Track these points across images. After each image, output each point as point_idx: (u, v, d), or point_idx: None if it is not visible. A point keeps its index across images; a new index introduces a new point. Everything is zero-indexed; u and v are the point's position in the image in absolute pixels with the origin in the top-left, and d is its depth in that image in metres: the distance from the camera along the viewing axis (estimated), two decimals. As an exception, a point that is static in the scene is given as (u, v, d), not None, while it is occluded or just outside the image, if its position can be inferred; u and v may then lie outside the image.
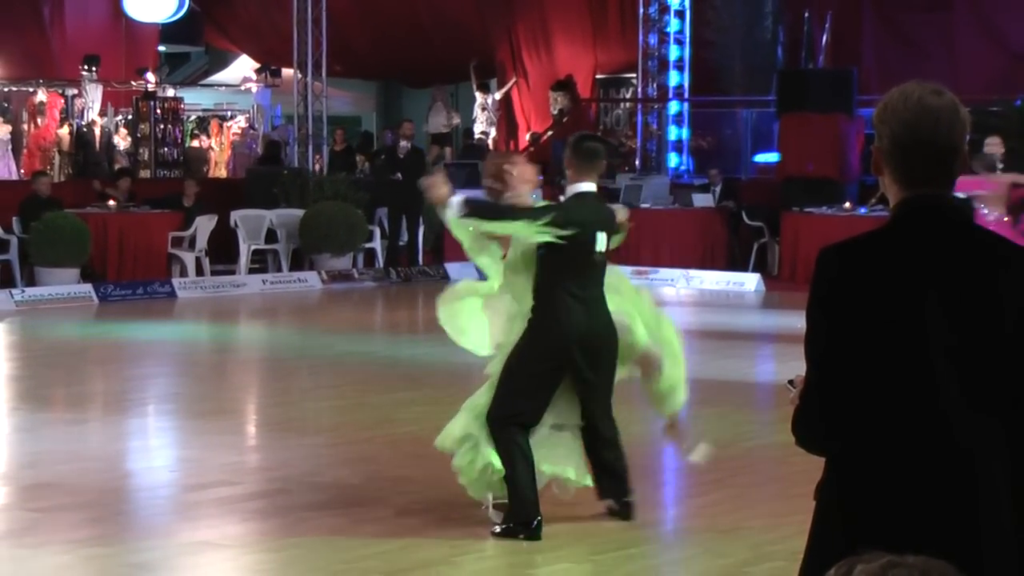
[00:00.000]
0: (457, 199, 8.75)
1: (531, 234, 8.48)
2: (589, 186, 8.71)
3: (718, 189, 25.23)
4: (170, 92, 29.75)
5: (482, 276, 9.32)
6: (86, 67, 28.73)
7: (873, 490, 3.55)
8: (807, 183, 23.78)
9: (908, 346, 3.53)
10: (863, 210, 22.38)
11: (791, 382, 3.75)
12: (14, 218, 21.93)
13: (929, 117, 3.64)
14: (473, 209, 8.75)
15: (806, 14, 27.53)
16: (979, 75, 26.42)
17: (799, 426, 3.65)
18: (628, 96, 30.55)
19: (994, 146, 19.44)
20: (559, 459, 8.63)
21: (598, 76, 30.77)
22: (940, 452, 3.53)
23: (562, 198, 8.88)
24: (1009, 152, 21.99)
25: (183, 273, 22.71)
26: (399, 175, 24.24)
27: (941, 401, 3.52)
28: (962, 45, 27.24)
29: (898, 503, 3.53)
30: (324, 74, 27.13)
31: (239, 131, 31.02)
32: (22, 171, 27.47)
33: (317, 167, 26.92)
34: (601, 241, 8.71)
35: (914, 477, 3.53)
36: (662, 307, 9.81)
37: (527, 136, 31.05)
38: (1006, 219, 17.53)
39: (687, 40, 28.92)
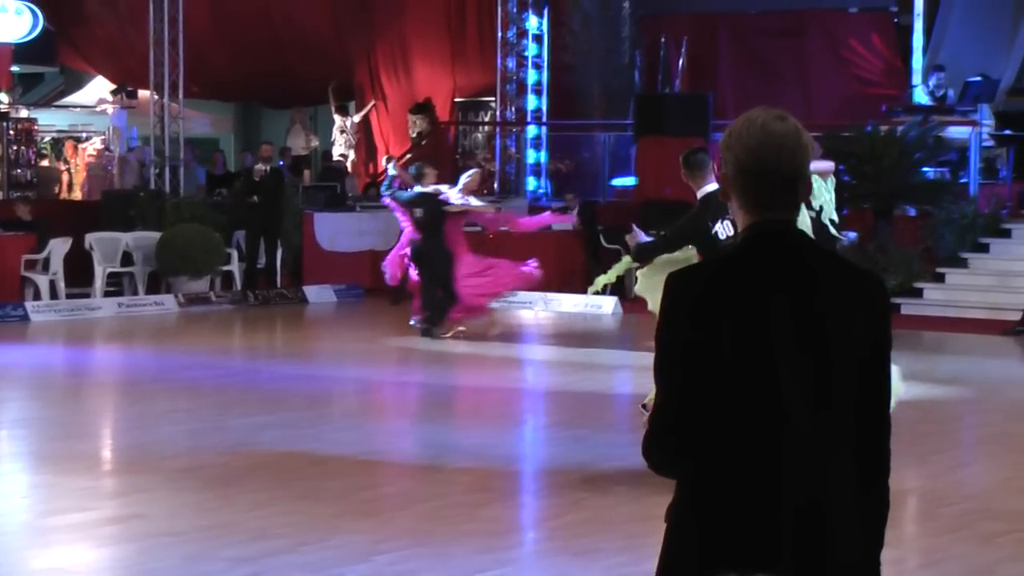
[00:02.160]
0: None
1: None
2: (713, 186, 10.59)
3: (575, 212, 25.39)
4: (23, 113, 29.33)
5: None
6: (-63, 86, 28.26)
7: (723, 512, 3.60)
8: (664, 206, 23.97)
9: (756, 369, 3.59)
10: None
11: (644, 405, 3.81)
12: None
13: (773, 143, 3.70)
14: (646, 253, 11.36)
15: (663, 39, 27.87)
16: (831, 100, 26.91)
17: (651, 449, 3.69)
18: (487, 119, 30.66)
19: None
20: None
21: (457, 99, 30.84)
22: (788, 477, 3.59)
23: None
24: (860, 176, 22.43)
25: (37, 296, 22.39)
26: (256, 197, 24.11)
27: (789, 424, 3.59)
28: (815, 71, 27.72)
29: (747, 526, 3.59)
30: (181, 95, 26.92)
31: (95, 153, 30.66)
32: None
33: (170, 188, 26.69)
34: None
35: (763, 500, 3.59)
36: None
37: (384, 159, 31.01)
38: None
39: (545, 64, 29.12)
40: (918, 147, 23.14)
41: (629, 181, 26.77)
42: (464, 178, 19.99)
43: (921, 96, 25.81)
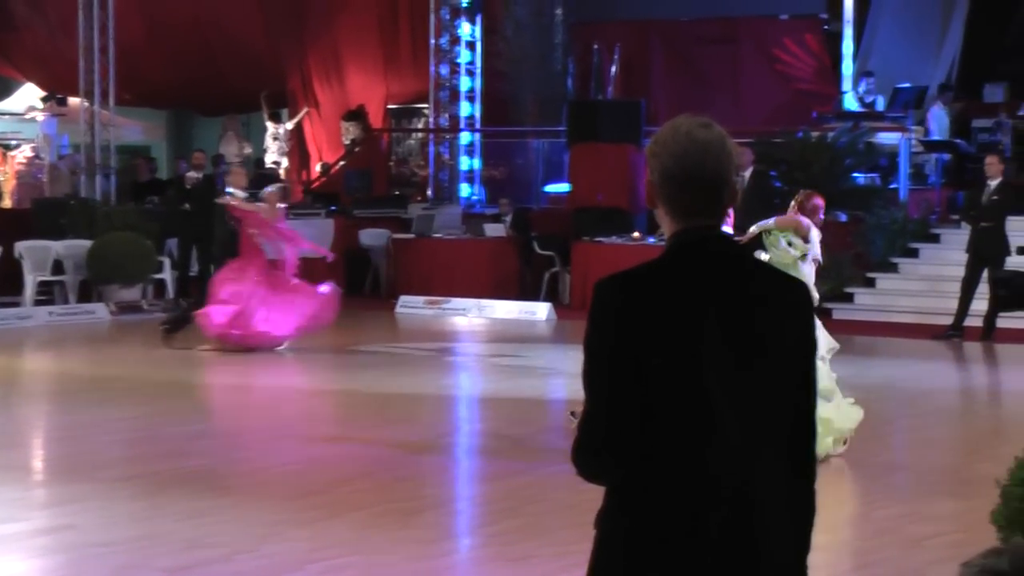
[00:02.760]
0: None
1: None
2: None
3: (508, 219, 25.44)
4: (-48, 120, 29.11)
5: None
6: None
7: (652, 521, 3.62)
8: (597, 213, 24.11)
9: (684, 376, 3.60)
10: (651, 239, 22.75)
11: (572, 412, 3.81)
12: None
13: (698, 150, 3.71)
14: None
15: (595, 46, 27.95)
16: (763, 107, 27.05)
17: (579, 456, 3.70)
18: (420, 126, 30.66)
19: None
20: None
21: (390, 106, 30.83)
22: (716, 484, 3.61)
23: None
24: (791, 182, 22.54)
25: (-34, 305, 22.21)
26: (188, 205, 23.99)
27: (717, 432, 3.61)
28: (747, 78, 27.87)
29: (676, 534, 3.61)
30: (112, 103, 26.78)
31: (24, 160, 30.43)
32: None
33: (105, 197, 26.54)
34: None
35: (692, 507, 3.61)
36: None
37: (318, 166, 30.96)
38: None
39: (478, 71, 29.15)
40: (849, 153, 23.33)
41: (563, 187, 26.83)
42: (265, 192, 19.67)
43: (851, 102, 26.01)
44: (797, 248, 11.91)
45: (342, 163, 30.02)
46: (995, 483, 7.14)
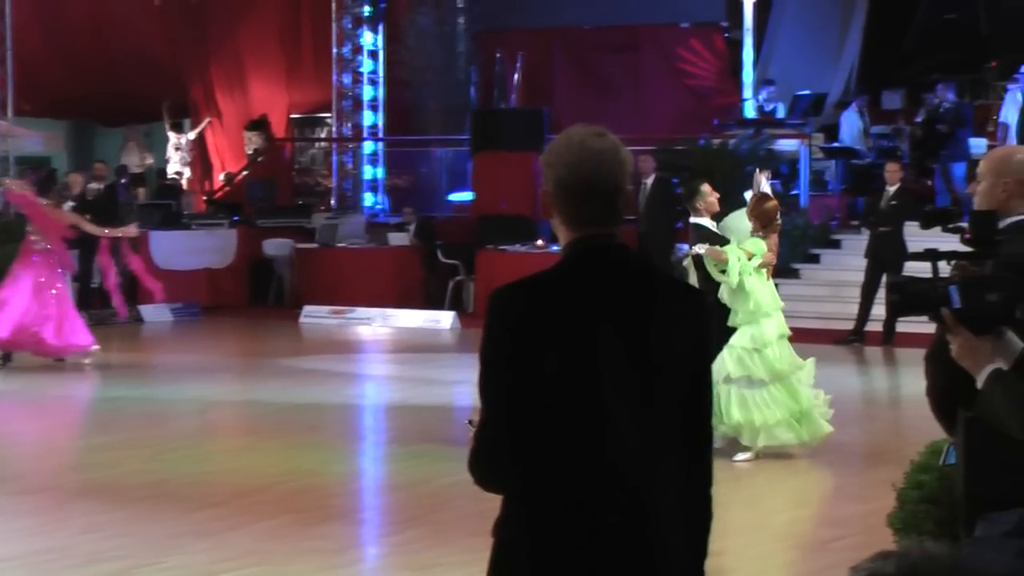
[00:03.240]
0: None
1: None
2: None
3: (412, 227, 25.40)
4: None
5: None
6: None
7: (549, 528, 3.63)
8: (501, 221, 24.12)
9: (581, 386, 3.61)
10: (555, 247, 22.80)
11: (471, 421, 3.80)
12: None
13: (591, 159, 3.73)
14: None
15: (498, 54, 27.98)
16: (666, 114, 27.18)
17: (475, 465, 3.70)
18: (323, 136, 30.56)
19: None
20: None
21: (293, 116, 30.69)
22: (612, 491, 3.62)
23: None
24: (689, 191, 22.66)
25: None
26: (89, 216, 23.73)
27: (613, 439, 3.62)
28: (649, 85, 27.98)
29: (573, 542, 3.62)
30: (10, 113, 26.49)
31: (-80, 172, 30.02)
32: None
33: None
34: None
35: (587, 517, 3.62)
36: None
37: (221, 176, 30.78)
38: None
39: (381, 80, 29.08)
40: (750, 160, 23.44)
41: (466, 196, 26.84)
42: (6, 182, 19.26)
43: (751, 110, 26.20)
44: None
45: (245, 173, 29.86)
46: (892, 487, 7.22)
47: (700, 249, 12.45)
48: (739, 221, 12.93)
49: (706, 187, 12.97)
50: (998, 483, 4.63)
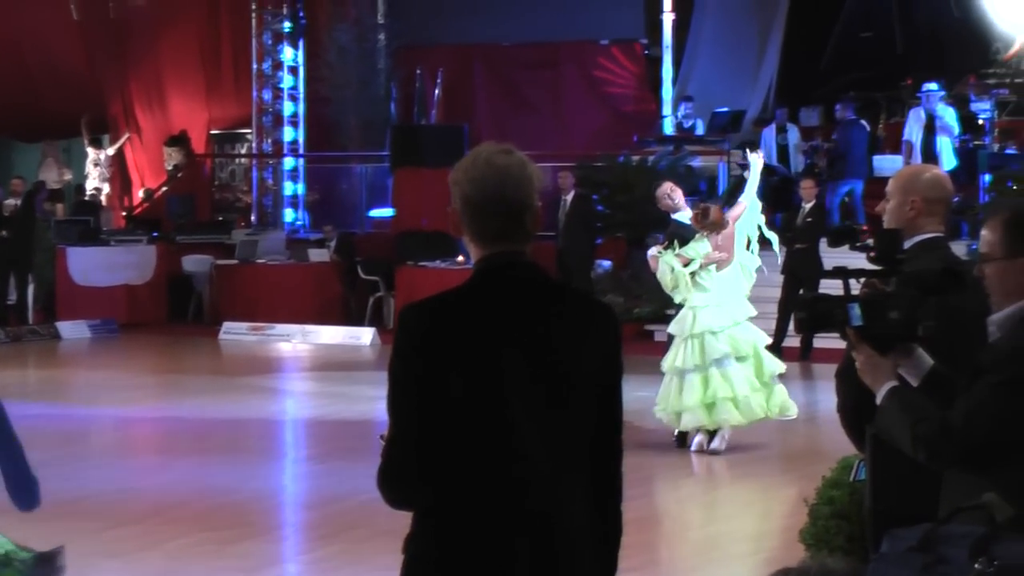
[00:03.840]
0: None
1: None
2: None
3: (333, 244, 25.33)
4: None
5: None
6: None
7: (457, 546, 3.62)
8: (421, 237, 24.08)
9: (488, 403, 3.61)
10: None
11: (383, 436, 3.80)
12: None
13: (496, 175, 3.74)
14: None
15: (418, 71, 27.99)
16: (585, 131, 27.26)
17: (383, 483, 3.70)
18: (243, 152, 30.41)
19: None
20: None
21: (213, 131, 30.54)
22: (520, 509, 3.62)
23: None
24: (613, 206, 22.75)
25: None
26: (4, 232, 23.54)
27: (521, 457, 3.61)
28: (569, 102, 28.08)
29: (481, 560, 3.61)
30: (-74, 129, 26.23)
31: None
32: None
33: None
34: None
35: (495, 536, 3.62)
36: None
37: (140, 192, 30.57)
38: None
39: (301, 96, 29.00)
40: (669, 176, 23.48)
41: (386, 212, 26.80)
42: None
43: (671, 127, 26.32)
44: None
45: (164, 189, 29.68)
46: (804, 502, 7.26)
47: (653, 251, 13.39)
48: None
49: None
50: (903, 499, 4.67)
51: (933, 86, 22.61)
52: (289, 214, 28.71)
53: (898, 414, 4.39)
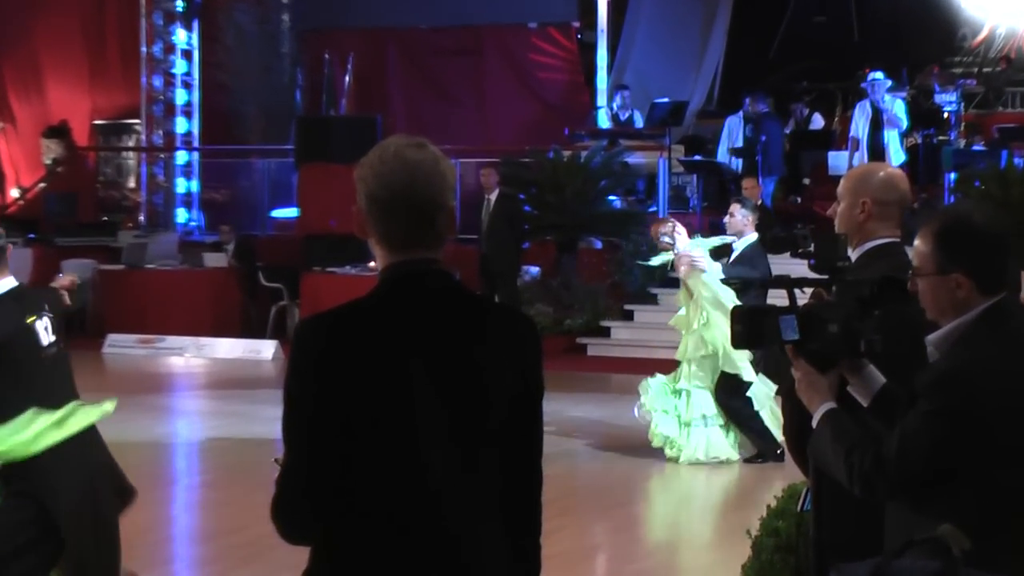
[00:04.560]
0: None
1: None
2: None
3: (231, 247, 25.26)
4: None
5: None
6: None
7: (364, 578, 3.63)
8: (329, 240, 24.04)
9: (393, 428, 3.60)
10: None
11: (278, 460, 3.78)
12: None
13: (405, 171, 3.73)
14: None
15: (326, 56, 27.94)
16: (511, 123, 27.32)
17: (278, 514, 3.69)
18: (131, 144, 30.28)
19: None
20: None
21: (97, 122, 30.39)
22: (429, 537, 3.63)
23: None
24: (542, 207, 22.77)
25: None
26: None
27: (430, 487, 3.61)
28: (494, 92, 28.10)
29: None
30: None
31: None
32: None
33: None
34: None
35: (404, 564, 3.63)
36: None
37: (14, 190, 30.37)
38: None
39: (196, 83, 28.91)
40: (604, 174, 23.56)
41: (291, 212, 26.76)
42: None
43: (605, 119, 26.34)
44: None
45: (42, 185, 29.49)
46: (747, 534, 7.33)
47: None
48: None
49: None
50: (850, 529, 4.71)
51: (879, 75, 22.63)
52: (182, 214, 28.61)
53: (831, 442, 4.42)
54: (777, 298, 4.92)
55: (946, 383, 4.27)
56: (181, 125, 28.87)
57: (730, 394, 13.42)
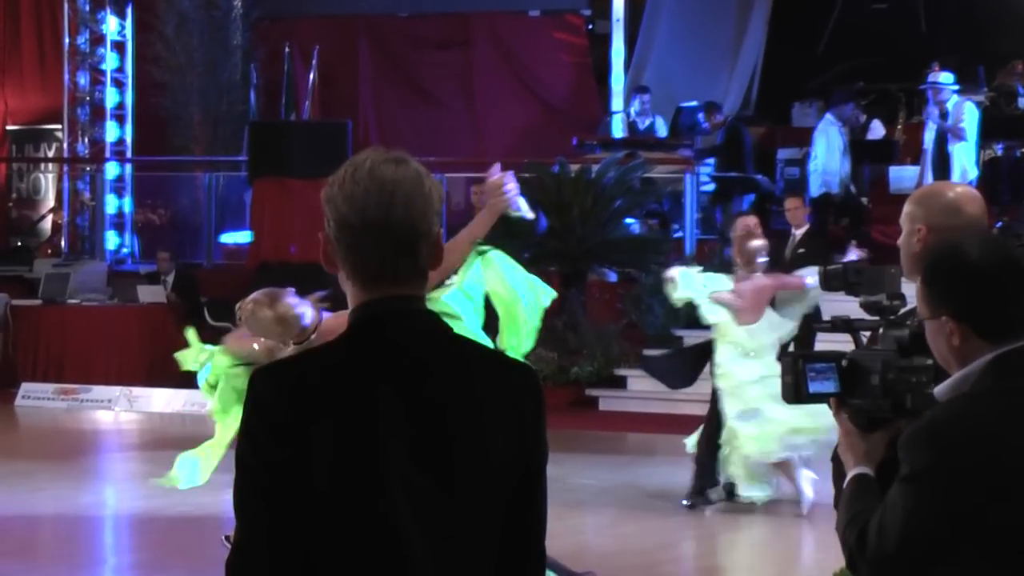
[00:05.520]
0: None
1: None
2: None
3: (170, 279, 25.26)
4: None
5: None
6: None
7: None
8: (289, 270, 24.02)
9: (362, 504, 3.57)
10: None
11: (227, 537, 3.79)
12: None
13: (381, 191, 3.70)
14: None
15: (287, 49, 27.92)
16: (507, 130, 27.32)
17: None
18: (51, 155, 30.30)
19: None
20: None
21: (9, 127, 30.45)
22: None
23: None
24: (547, 232, 22.74)
25: None
26: None
27: (402, 554, 3.60)
28: (485, 92, 28.09)
29: None
30: None
31: None
32: None
33: None
34: None
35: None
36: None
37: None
38: None
39: (129, 81, 28.94)
40: (619, 192, 23.55)
41: (243, 237, 26.76)
42: None
43: (620, 126, 26.32)
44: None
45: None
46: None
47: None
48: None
49: None
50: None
51: (947, 77, 22.53)
52: (112, 239, 28.61)
53: (841, 512, 4.45)
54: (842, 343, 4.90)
55: (919, 440, 4.21)
56: (111, 132, 28.90)
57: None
